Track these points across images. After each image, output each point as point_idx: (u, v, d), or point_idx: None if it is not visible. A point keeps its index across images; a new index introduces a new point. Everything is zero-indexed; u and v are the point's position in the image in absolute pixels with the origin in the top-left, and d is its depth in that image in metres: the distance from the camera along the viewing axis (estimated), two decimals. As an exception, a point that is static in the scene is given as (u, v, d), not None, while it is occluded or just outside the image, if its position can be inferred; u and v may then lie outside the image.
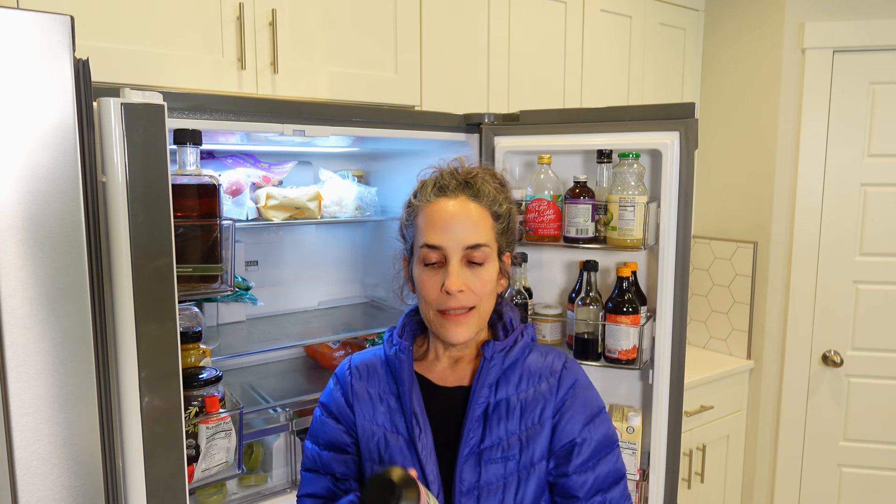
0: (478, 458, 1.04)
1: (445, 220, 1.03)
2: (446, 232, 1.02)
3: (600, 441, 1.08)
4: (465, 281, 1.02)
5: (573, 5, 2.18)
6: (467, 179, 1.06)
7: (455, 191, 1.05)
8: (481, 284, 1.03)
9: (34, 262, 0.71)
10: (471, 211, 1.04)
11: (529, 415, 1.07)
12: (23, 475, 0.73)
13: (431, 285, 1.03)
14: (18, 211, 0.70)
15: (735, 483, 2.63)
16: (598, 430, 1.08)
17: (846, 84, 2.33)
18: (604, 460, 1.08)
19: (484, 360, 1.07)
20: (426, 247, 1.03)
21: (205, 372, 1.25)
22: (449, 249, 1.02)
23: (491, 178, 1.10)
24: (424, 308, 1.06)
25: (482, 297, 1.04)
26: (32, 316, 0.72)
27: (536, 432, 1.06)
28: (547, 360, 1.11)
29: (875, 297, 2.37)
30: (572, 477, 1.06)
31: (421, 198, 1.07)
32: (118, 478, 0.83)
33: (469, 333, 1.05)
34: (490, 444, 1.04)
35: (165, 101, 0.82)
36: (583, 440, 1.06)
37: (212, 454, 1.18)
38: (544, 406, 1.07)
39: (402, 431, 1.06)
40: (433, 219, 1.04)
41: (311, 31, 1.62)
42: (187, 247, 1.08)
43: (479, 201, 1.06)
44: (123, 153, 0.78)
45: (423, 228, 1.04)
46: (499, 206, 1.08)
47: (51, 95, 0.71)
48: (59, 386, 0.74)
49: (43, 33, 0.70)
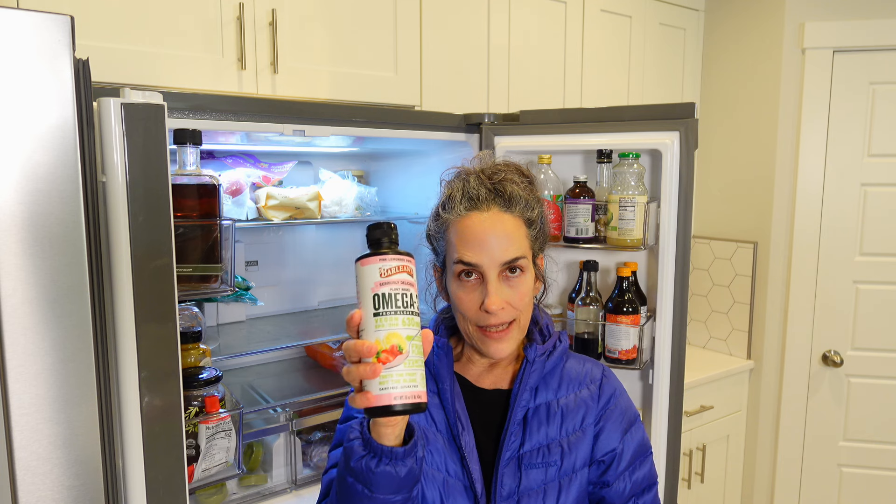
0: (518, 462, 1.02)
1: (480, 237, 0.99)
2: (482, 249, 0.98)
3: (636, 449, 1.08)
4: (504, 297, 0.99)
5: (573, 5, 2.18)
6: (496, 186, 1.02)
7: (486, 202, 1.01)
8: (520, 297, 1.00)
9: (34, 262, 0.71)
10: (505, 224, 1.00)
11: (571, 421, 1.06)
12: (23, 475, 0.73)
13: (469, 302, 1.00)
14: (18, 211, 0.70)
15: (735, 483, 2.63)
16: (634, 438, 1.08)
17: (846, 84, 2.33)
18: (640, 467, 1.08)
19: (526, 363, 1.05)
20: (461, 263, 0.99)
21: (205, 372, 1.25)
22: (485, 266, 0.98)
23: (518, 176, 1.06)
24: (463, 323, 1.03)
25: (521, 310, 1.02)
26: (32, 316, 0.72)
27: (578, 439, 1.05)
28: (585, 367, 1.11)
29: (875, 297, 2.37)
30: (613, 486, 1.06)
31: (451, 211, 1.02)
32: (118, 478, 0.83)
33: (511, 348, 1.02)
34: (530, 449, 1.03)
35: (165, 101, 0.82)
36: (622, 449, 1.07)
37: (212, 454, 1.19)
38: (586, 413, 1.07)
39: (441, 429, 1.03)
40: (466, 235, 1.00)
41: (311, 31, 1.62)
42: (187, 247, 1.08)
43: (511, 211, 1.01)
44: (123, 153, 0.78)
45: (457, 245, 1.00)
46: (531, 210, 1.04)
47: (51, 95, 0.71)
48: (59, 386, 0.74)
49: (43, 33, 0.70)
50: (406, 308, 0.77)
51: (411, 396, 0.75)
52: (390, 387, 0.74)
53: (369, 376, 0.75)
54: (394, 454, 0.82)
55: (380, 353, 0.75)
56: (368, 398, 0.75)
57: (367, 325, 0.77)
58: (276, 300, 1.95)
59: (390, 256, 0.78)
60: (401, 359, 0.75)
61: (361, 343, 0.76)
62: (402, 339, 0.76)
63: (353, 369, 0.76)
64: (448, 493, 1.00)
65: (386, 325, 0.76)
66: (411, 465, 0.84)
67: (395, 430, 0.83)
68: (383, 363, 0.75)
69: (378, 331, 0.76)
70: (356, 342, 0.76)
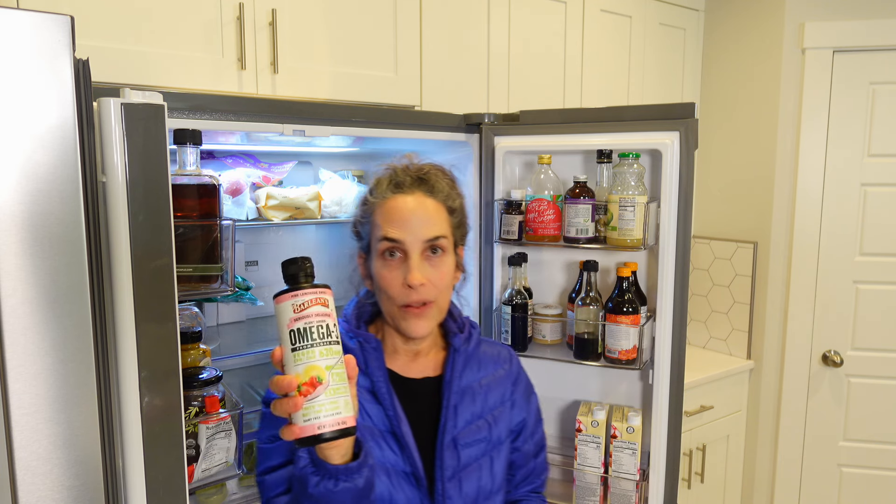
0: (454, 443, 1.10)
1: (404, 214, 1.06)
2: (405, 226, 1.05)
3: (536, 415, 1.25)
4: (425, 274, 1.05)
5: (573, 5, 2.18)
6: (421, 176, 1.09)
7: (411, 187, 1.08)
8: (440, 277, 1.07)
9: (34, 262, 0.71)
10: (427, 206, 1.07)
11: (492, 398, 1.17)
12: (23, 475, 0.73)
13: (392, 279, 1.06)
14: (18, 211, 0.70)
15: (735, 483, 2.63)
16: (534, 406, 1.26)
17: (846, 84, 2.33)
18: (538, 430, 1.26)
19: (454, 352, 1.14)
20: (386, 240, 1.05)
21: (205, 372, 1.25)
22: (408, 243, 1.05)
23: (443, 174, 1.13)
24: (386, 303, 1.09)
25: (441, 290, 1.08)
26: (32, 316, 0.72)
27: (500, 413, 1.18)
28: (495, 348, 1.24)
29: (875, 297, 2.37)
30: (522, 449, 1.22)
31: (377, 195, 1.09)
32: (118, 478, 0.83)
33: (430, 327, 1.09)
34: (463, 429, 1.11)
35: (165, 101, 0.82)
36: (528, 417, 1.23)
37: (212, 454, 1.18)
38: (504, 390, 1.20)
39: (378, 423, 1.08)
40: (391, 214, 1.06)
41: (311, 31, 1.62)
42: (187, 247, 1.08)
43: (434, 197, 1.09)
44: (123, 153, 0.78)
45: (382, 224, 1.06)
46: (453, 200, 1.12)
47: (51, 95, 0.71)
48: (59, 386, 0.74)
49: (43, 33, 0.70)
50: (323, 339, 0.79)
51: (335, 423, 0.77)
52: (313, 417, 0.77)
53: (292, 409, 0.77)
54: (349, 470, 0.86)
55: (300, 387, 0.77)
56: (293, 430, 0.78)
57: (287, 361, 0.79)
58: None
59: (302, 291, 0.80)
60: (321, 389, 0.77)
61: (282, 378, 0.78)
62: (320, 370, 0.78)
63: (278, 403, 0.79)
64: (394, 484, 1.05)
65: (304, 358, 0.78)
66: (367, 475, 0.88)
67: (342, 450, 0.86)
68: (304, 395, 0.77)
69: (297, 365, 0.78)
70: (278, 378, 0.79)
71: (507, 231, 1.62)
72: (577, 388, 1.74)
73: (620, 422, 1.55)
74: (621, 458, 1.54)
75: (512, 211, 1.61)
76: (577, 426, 1.57)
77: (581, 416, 1.57)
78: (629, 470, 1.54)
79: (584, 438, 1.56)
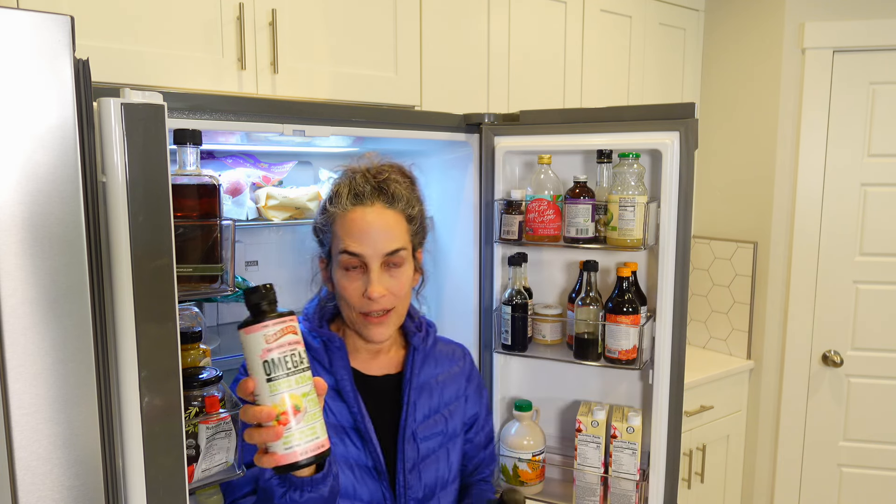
0: (413, 437, 1.15)
1: (363, 228, 1.07)
2: (365, 240, 1.07)
3: (487, 409, 1.35)
4: (385, 285, 1.08)
5: (573, 5, 2.18)
6: (380, 184, 1.11)
7: (371, 198, 1.10)
8: (400, 286, 1.10)
9: (34, 262, 0.71)
10: (387, 218, 1.09)
11: (448, 393, 1.24)
12: (23, 475, 0.73)
13: (353, 289, 1.08)
14: (18, 211, 0.70)
15: (735, 483, 2.63)
16: (485, 400, 1.34)
17: (846, 84, 2.33)
18: (488, 423, 1.35)
19: (414, 351, 1.19)
20: (346, 253, 1.07)
21: (205, 372, 1.25)
22: (368, 257, 1.07)
23: (401, 176, 1.16)
24: (346, 310, 1.12)
25: (401, 298, 1.12)
26: (32, 316, 0.72)
27: (456, 408, 1.24)
28: (450, 347, 1.31)
29: (875, 297, 2.37)
30: (474, 441, 1.30)
31: (337, 205, 1.10)
32: (118, 478, 0.83)
33: (390, 332, 1.13)
34: (422, 423, 1.17)
35: (165, 101, 0.82)
36: (481, 411, 1.32)
37: (212, 454, 1.18)
38: (458, 386, 1.26)
39: (342, 420, 1.11)
40: (351, 228, 1.08)
41: (311, 31, 1.62)
42: (187, 247, 1.07)
43: (394, 207, 1.11)
44: (123, 153, 0.78)
45: (342, 237, 1.08)
46: (412, 208, 1.14)
47: (51, 96, 0.71)
48: (59, 386, 0.74)
49: (43, 33, 0.70)
50: (296, 367, 0.80)
51: (315, 448, 0.79)
52: (294, 444, 0.78)
53: (272, 439, 0.78)
54: (314, 482, 0.89)
55: (279, 416, 0.78)
56: (276, 458, 0.79)
57: (262, 391, 0.79)
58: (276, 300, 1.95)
59: (272, 322, 0.81)
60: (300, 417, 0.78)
61: (259, 409, 0.79)
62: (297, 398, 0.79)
63: (255, 433, 0.79)
64: (357, 478, 1.09)
65: (280, 388, 0.78)
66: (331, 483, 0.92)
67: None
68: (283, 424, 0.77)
69: (273, 395, 0.78)
70: (254, 409, 0.79)
71: (507, 231, 1.62)
72: (577, 388, 1.74)
73: (620, 422, 1.55)
74: (621, 458, 1.54)
75: (512, 211, 1.61)
76: (577, 426, 1.57)
77: (581, 416, 1.57)
78: (629, 470, 1.54)
79: (584, 438, 1.56)
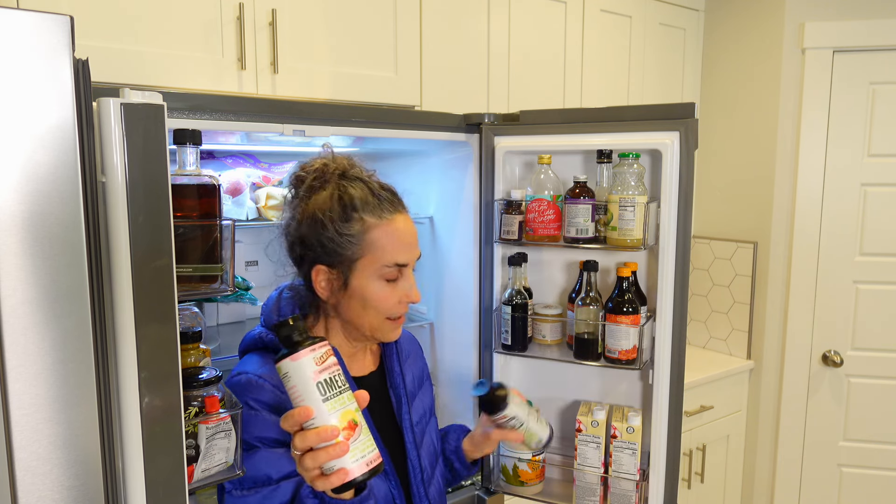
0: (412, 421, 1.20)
1: (408, 238, 1.08)
2: (409, 249, 1.08)
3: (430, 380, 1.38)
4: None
5: (573, 5, 2.18)
6: (390, 188, 1.12)
7: (398, 205, 1.11)
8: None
9: (34, 263, 0.71)
10: (412, 224, 1.12)
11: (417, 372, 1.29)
12: (23, 475, 0.73)
13: (390, 297, 1.08)
14: (18, 211, 0.70)
15: (735, 483, 2.63)
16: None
17: (846, 84, 2.33)
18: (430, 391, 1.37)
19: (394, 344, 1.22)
20: (396, 266, 1.07)
21: (205, 372, 1.25)
22: (410, 264, 1.09)
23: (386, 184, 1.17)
24: (367, 317, 1.09)
25: None
26: (32, 316, 0.72)
27: (426, 386, 1.31)
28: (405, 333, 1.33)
29: (875, 297, 2.37)
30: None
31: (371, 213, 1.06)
32: (118, 478, 0.83)
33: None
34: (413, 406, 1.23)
35: (165, 101, 0.82)
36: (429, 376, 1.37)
37: (211, 454, 1.18)
38: (423, 367, 1.32)
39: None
40: (397, 237, 1.07)
41: (311, 31, 1.62)
42: (187, 247, 1.07)
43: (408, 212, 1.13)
44: (123, 153, 0.78)
45: (388, 247, 1.06)
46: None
47: (50, 96, 0.71)
48: (59, 386, 0.74)
49: (42, 33, 0.70)
50: (344, 385, 0.84)
51: (376, 458, 0.83)
52: (360, 456, 0.81)
53: (340, 454, 0.80)
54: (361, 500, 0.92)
55: (343, 434, 0.81)
56: (342, 474, 0.80)
57: (320, 413, 0.81)
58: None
59: (318, 345, 0.84)
60: (358, 430, 0.82)
61: (323, 429, 0.81)
62: (352, 413, 0.83)
63: (320, 454, 0.80)
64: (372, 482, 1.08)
65: (338, 406, 0.82)
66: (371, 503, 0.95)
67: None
68: (349, 440, 0.81)
69: (332, 413, 0.81)
70: (317, 429, 0.81)
71: (507, 231, 1.62)
72: (577, 388, 1.73)
73: (620, 422, 1.55)
74: (621, 458, 1.54)
75: (512, 211, 1.61)
76: (577, 426, 1.57)
77: (581, 416, 1.57)
78: (629, 470, 1.54)
79: (584, 438, 1.56)
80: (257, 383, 1.06)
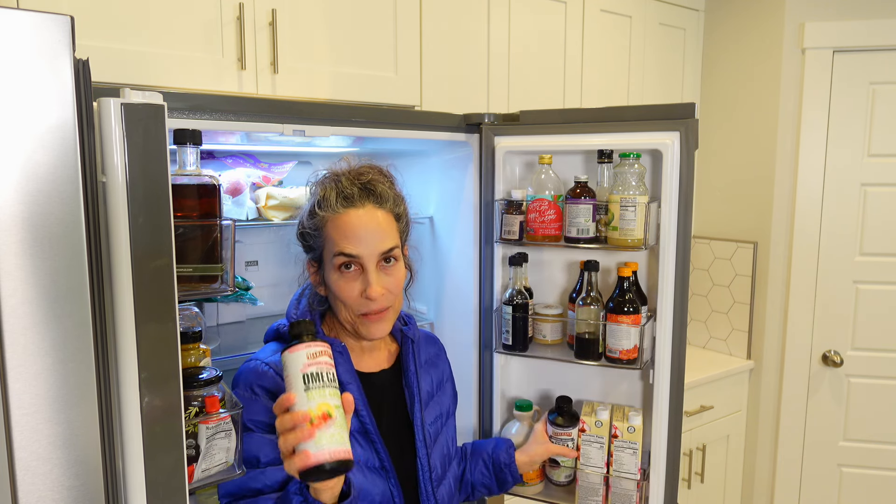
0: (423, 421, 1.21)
1: (358, 230, 1.09)
2: (360, 241, 1.09)
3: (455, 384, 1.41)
4: (382, 284, 1.10)
5: (573, 5, 2.18)
6: (366, 185, 1.13)
7: (360, 199, 1.11)
8: (396, 283, 1.13)
9: (34, 263, 0.71)
10: (378, 218, 1.11)
11: (437, 375, 1.30)
12: (23, 475, 0.73)
13: (350, 291, 1.10)
14: (18, 211, 0.70)
15: (735, 483, 2.63)
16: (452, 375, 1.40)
17: (846, 84, 2.33)
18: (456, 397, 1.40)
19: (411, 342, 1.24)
20: (342, 255, 1.09)
21: (205, 372, 1.25)
22: (365, 257, 1.09)
23: (381, 176, 1.17)
24: (344, 312, 1.13)
25: (396, 295, 1.15)
26: (32, 316, 0.72)
27: (446, 388, 1.32)
28: (423, 331, 1.34)
29: (875, 297, 2.37)
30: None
31: (326, 209, 1.11)
32: (118, 478, 0.82)
33: (388, 328, 1.15)
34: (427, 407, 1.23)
35: (165, 101, 0.82)
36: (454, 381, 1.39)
37: (212, 454, 1.18)
38: (443, 369, 1.34)
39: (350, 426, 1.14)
40: (345, 230, 1.09)
41: (311, 31, 1.62)
42: (187, 247, 1.07)
43: (383, 207, 1.13)
44: (123, 153, 0.78)
45: (336, 239, 1.10)
46: (398, 206, 1.17)
47: (51, 96, 0.71)
48: (59, 386, 0.74)
49: (43, 33, 0.70)
50: (330, 383, 0.91)
51: (342, 453, 0.87)
52: (324, 445, 0.86)
53: (305, 439, 0.86)
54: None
55: (313, 420, 0.87)
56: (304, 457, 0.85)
57: (299, 400, 0.89)
58: (276, 300, 1.95)
59: (314, 344, 0.92)
60: (330, 423, 0.88)
61: (297, 412, 0.87)
62: (329, 407, 0.89)
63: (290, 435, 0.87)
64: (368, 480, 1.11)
65: (316, 396, 0.88)
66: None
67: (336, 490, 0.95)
68: (316, 427, 0.86)
69: (310, 402, 0.88)
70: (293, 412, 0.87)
71: (508, 231, 1.62)
72: (578, 387, 1.73)
73: (621, 421, 1.55)
74: (622, 458, 1.54)
75: (512, 211, 1.61)
76: (581, 426, 1.57)
77: (585, 415, 1.57)
78: (630, 469, 1.54)
79: (588, 438, 1.56)
80: (262, 370, 1.13)
